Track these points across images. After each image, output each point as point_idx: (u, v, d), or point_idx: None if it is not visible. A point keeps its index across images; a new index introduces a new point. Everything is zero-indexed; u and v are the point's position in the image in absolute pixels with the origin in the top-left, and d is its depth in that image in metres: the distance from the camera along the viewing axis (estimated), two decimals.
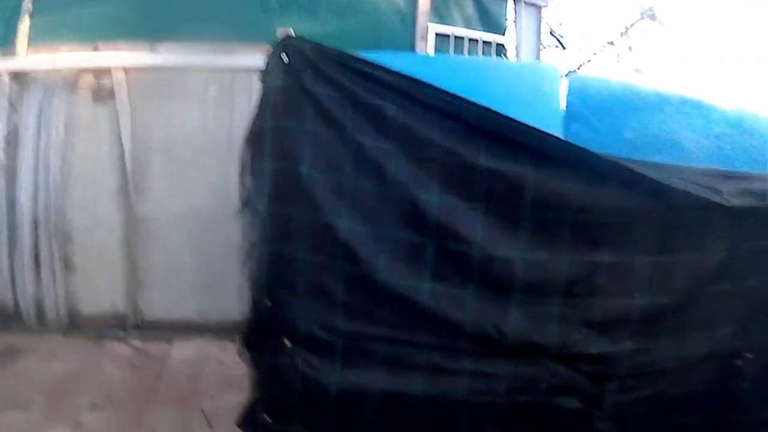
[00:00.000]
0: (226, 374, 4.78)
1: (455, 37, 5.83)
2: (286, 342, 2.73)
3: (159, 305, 5.36)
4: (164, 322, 5.37)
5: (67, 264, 5.30)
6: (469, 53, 5.84)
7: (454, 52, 5.78)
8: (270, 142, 2.69)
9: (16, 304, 5.20)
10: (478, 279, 2.64)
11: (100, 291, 5.37)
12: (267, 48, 2.75)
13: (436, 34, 5.74)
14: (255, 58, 3.42)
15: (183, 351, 5.15)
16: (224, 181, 4.97)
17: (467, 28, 5.92)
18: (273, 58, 2.69)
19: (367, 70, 2.65)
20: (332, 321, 2.69)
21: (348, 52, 2.71)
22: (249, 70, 4.98)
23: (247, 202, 2.76)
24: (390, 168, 2.62)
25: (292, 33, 2.78)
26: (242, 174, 2.78)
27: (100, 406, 4.14)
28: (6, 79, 5.26)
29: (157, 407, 4.16)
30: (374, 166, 2.64)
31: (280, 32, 2.76)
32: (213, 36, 5.25)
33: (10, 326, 5.14)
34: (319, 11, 5.47)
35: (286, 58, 2.66)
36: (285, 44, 2.69)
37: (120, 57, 5.24)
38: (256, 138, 2.73)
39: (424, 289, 2.63)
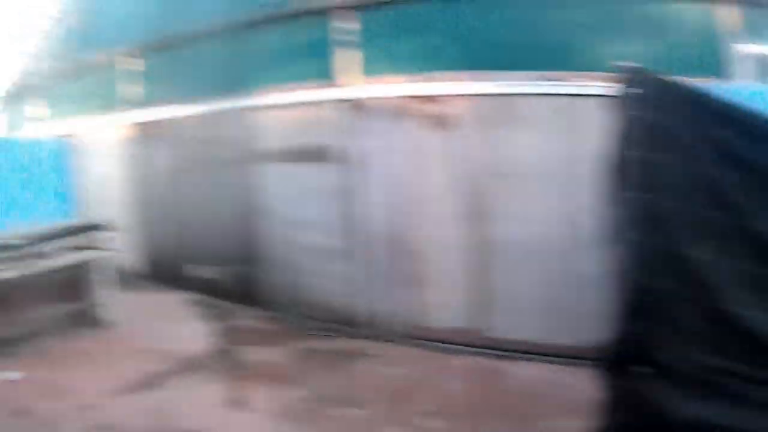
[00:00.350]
0: (566, 398, 4.58)
1: None
2: (644, 369, 2.76)
3: (504, 325, 5.43)
4: (508, 341, 5.40)
5: (416, 280, 5.70)
6: None
7: None
8: (636, 173, 2.79)
9: (361, 312, 5.81)
10: None
11: (448, 308, 5.65)
12: (613, 77, 2.93)
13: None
14: (590, 85, 3.42)
15: (524, 370, 5.10)
16: (566, 208, 5.08)
17: None
18: (627, 89, 2.86)
19: (712, 102, 2.78)
20: (691, 353, 2.71)
21: (692, 85, 2.85)
22: (585, 97, 4.97)
23: (616, 232, 2.84)
24: (738, 199, 2.69)
25: (631, 64, 2.89)
26: (608, 203, 2.91)
27: (436, 413, 4.24)
28: (343, 107, 5.92)
29: (493, 422, 4.15)
30: (724, 197, 2.71)
31: (625, 64, 2.90)
32: (544, 65, 5.31)
33: (360, 333, 5.70)
34: (634, 36, 5.27)
35: (639, 89, 2.80)
36: (635, 75, 2.84)
37: (457, 86, 5.53)
38: (621, 168, 2.86)
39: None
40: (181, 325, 6.25)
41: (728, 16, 5.28)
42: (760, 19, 5.33)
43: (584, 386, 3.24)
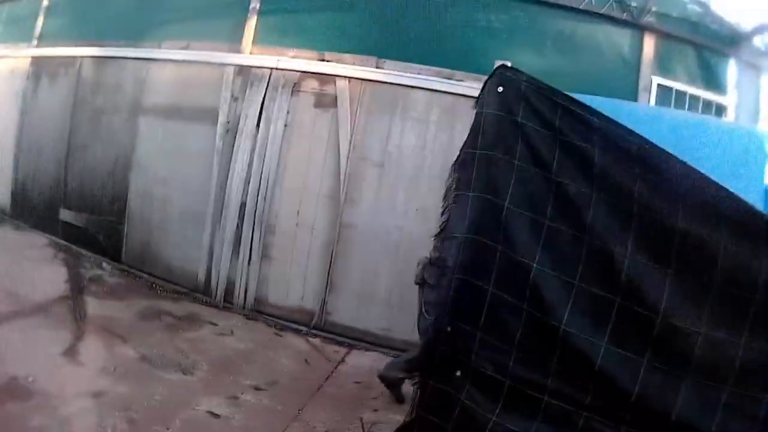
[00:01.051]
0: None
1: (676, 91, 5.57)
2: (457, 373, 2.68)
3: (346, 311, 5.58)
4: (350, 328, 5.56)
5: (265, 253, 5.74)
6: (689, 110, 5.51)
7: (675, 107, 5.48)
8: (476, 171, 2.70)
9: (209, 279, 5.78)
10: (655, 348, 2.45)
11: (291, 285, 5.74)
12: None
13: (658, 86, 5.53)
14: (476, 86, 3.51)
15: (359, 359, 5.27)
16: (435, 204, 5.25)
17: (690, 84, 5.63)
18: (488, 87, 2.76)
19: (577, 111, 2.61)
20: (504, 360, 2.61)
21: (560, 91, 2.67)
22: (470, 98, 5.12)
23: (445, 227, 2.78)
24: (588, 214, 2.54)
25: (509, 65, 2.84)
26: (445, 198, 2.84)
27: (261, 389, 4.32)
28: (231, 72, 5.82)
29: (317, 405, 4.27)
30: (573, 209, 2.57)
31: (498, 63, 2.84)
32: (437, 60, 5.44)
33: (197, 298, 5.68)
34: (543, 48, 5.49)
35: (501, 89, 2.69)
36: (501, 75, 2.72)
37: (345, 68, 5.56)
38: (462, 165, 2.76)
39: (601, 348, 2.49)
40: (36, 269, 5.98)
41: (646, 46, 5.58)
42: (676, 54, 5.67)
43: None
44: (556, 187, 2.59)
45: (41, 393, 3.56)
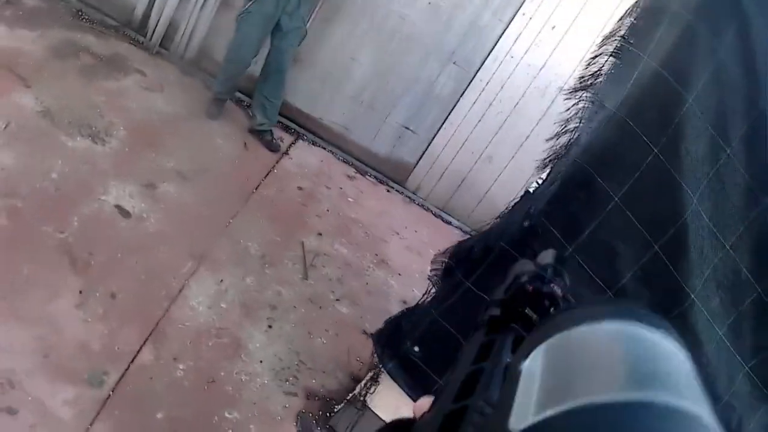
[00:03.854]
0: (342, 210, 4.33)
1: None
2: None
3: (305, 93, 4.62)
4: (300, 113, 4.67)
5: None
6: None
7: None
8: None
9: (148, 14, 4.44)
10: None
11: None
12: None
13: None
14: None
15: (305, 154, 4.53)
16: (452, 3, 4.23)
17: None
18: None
19: None
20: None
21: None
22: None
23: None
24: None
25: None
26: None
27: (187, 177, 3.53)
28: None
29: (252, 215, 3.61)
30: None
31: None
32: None
33: (128, 36, 4.44)
34: None
35: None
36: None
37: None
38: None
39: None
40: None
41: None
42: None
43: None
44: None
45: None
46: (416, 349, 2.34)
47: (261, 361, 2.84)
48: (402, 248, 4.36)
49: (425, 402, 0.43)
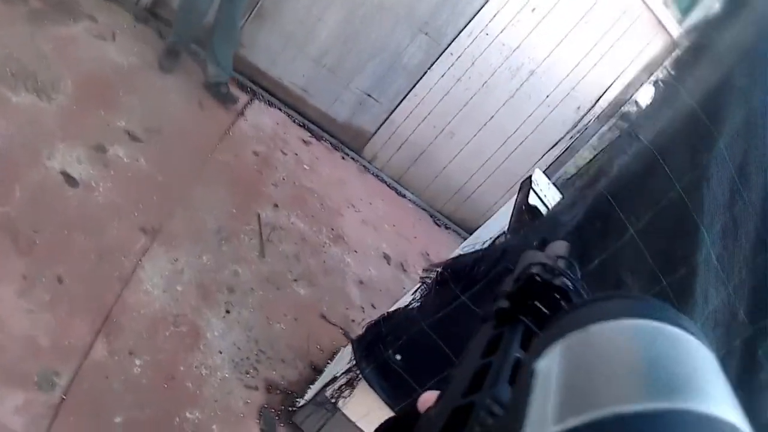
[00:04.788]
0: (298, 179, 4.10)
1: None
2: None
3: (265, 50, 4.31)
4: (258, 71, 4.36)
5: None
6: None
7: None
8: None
9: None
10: None
11: None
12: None
13: None
14: None
15: (261, 116, 4.25)
16: None
17: None
18: None
19: None
20: None
21: None
22: None
23: None
24: None
25: None
26: None
27: (138, 139, 3.23)
28: None
29: (207, 181, 3.36)
30: None
31: None
32: None
33: None
34: None
35: None
36: None
37: None
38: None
39: None
40: None
41: None
42: None
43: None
44: None
45: None
46: (398, 357, 2.26)
47: (220, 352, 2.68)
48: (358, 222, 4.22)
49: (431, 396, 0.41)
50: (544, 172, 2.90)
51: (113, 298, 2.49)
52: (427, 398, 0.41)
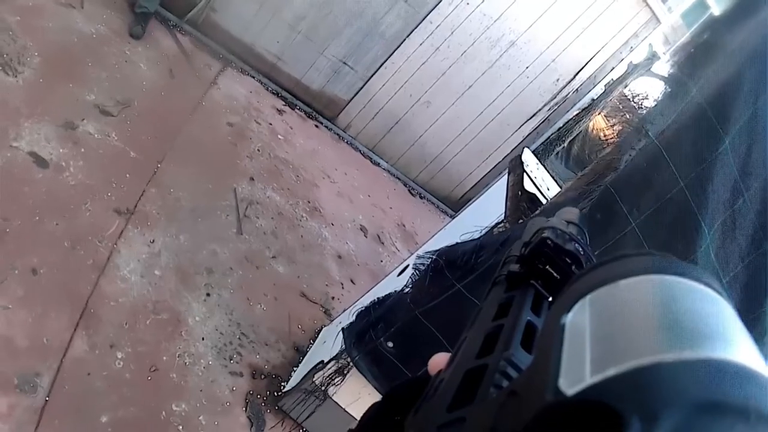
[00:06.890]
0: (273, 150, 3.96)
1: None
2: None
3: (237, 16, 4.12)
4: (231, 37, 4.18)
5: None
6: None
7: None
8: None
9: None
10: None
11: None
12: None
13: None
14: None
15: (233, 84, 4.11)
16: None
17: None
18: None
19: None
20: None
21: None
22: None
23: None
24: None
25: None
26: None
27: (109, 113, 3.08)
28: None
29: (180, 156, 3.21)
30: None
31: None
32: None
33: None
34: None
35: None
36: None
37: None
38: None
39: None
40: None
41: None
42: None
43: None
44: None
45: None
46: (390, 344, 2.24)
47: (203, 338, 2.62)
48: (333, 194, 4.15)
49: (442, 358, 0.40)
50: (532, 151, 2.86)
51: (90, 287, 2.39)
52: (438, 360, 0.40)
